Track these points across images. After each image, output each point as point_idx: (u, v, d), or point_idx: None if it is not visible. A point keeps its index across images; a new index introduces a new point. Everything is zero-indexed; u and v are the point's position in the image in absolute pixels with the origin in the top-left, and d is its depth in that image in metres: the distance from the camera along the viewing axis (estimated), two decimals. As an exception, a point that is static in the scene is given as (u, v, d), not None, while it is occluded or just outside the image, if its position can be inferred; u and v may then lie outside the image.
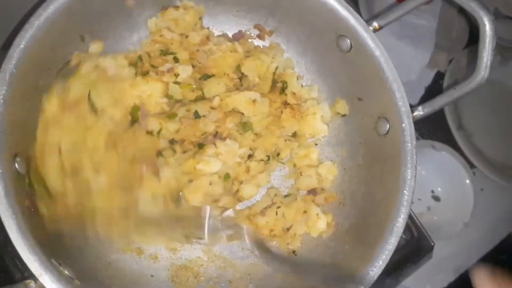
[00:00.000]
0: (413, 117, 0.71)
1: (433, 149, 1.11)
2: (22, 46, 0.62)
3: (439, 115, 1.17)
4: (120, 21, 0.77)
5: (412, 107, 0.72)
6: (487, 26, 0.63)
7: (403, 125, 0.71)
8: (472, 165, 1.13)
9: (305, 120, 0.82)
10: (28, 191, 0.63)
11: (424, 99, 1.15)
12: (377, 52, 0.72)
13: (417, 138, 0.69)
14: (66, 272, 0.59)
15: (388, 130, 0.74)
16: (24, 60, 0.62)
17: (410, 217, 0.84)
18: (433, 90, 1.20)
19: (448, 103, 0.71)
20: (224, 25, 0.84)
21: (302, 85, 0.85)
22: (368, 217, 0.74)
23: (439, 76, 1.22)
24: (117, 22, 0.77)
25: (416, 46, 1.17)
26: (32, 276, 0.55)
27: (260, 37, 0.84)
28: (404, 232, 0.69)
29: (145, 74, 0.76)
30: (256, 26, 0.84)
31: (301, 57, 0.85)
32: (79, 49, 0.73)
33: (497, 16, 1.26)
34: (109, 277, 0.70)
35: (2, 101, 0.59)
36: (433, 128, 1.17)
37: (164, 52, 0.78)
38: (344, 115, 0.82)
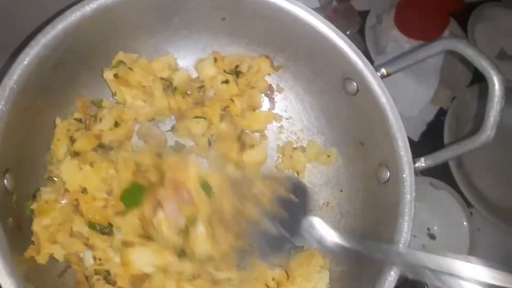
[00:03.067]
0: (415, 168, 0.70)
1: (431, 186, 1.09)
2: (25, 62, 0.61)
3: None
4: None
5: (414, 158, 0.70)
6: (496, 86, 0.62)
7: (404, 175, 0.69)
8: (469, 205, 1.12)
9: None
10: (15, 208, 0.61)
11: (425, 135, 1.18)
12: (383, 99, 0.71)
13: (415, 174, 0.67)
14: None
15: (389, 178, 0.72)
16: (25, 77, 0.61)
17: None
18: (435, 126, 1.20)
19: (451, 158, 0.70)
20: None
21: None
22: (361, 267, 0.71)
23: (442, 112, 1.22)
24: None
25: (420, 81, 1.17)
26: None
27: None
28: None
29: None
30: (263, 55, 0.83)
31: (307, 95, 0.85)
32: (87, 67, 0.73)
33: (502, 57, 1.28)
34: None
35: (-1, 115, 0.59)
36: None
37: None
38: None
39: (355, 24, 1.29)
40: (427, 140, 1.20)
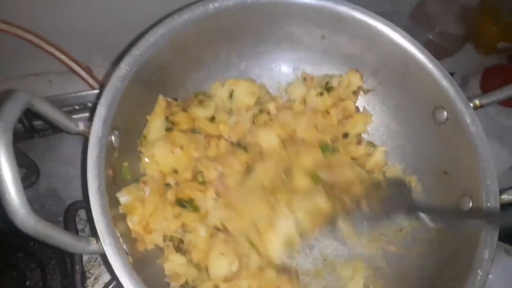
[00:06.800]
0: (501, 200, 0.68)
1: (506, 253, 1.01)
2: (151, 40, 0.69)
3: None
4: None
5: (501, 190, 0.68)
6: None
7: (489, 205, 0.67)
8: (547, 280, 1.01)
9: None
10: (114, 163, 0.67)
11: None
12: (473, 129, 0.71)
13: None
14: (124, 246, 0.60)
15: (471, 207, 0.70)
16: (149, 52, 0.69)
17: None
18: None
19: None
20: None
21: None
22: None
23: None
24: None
25: (502, 146, 1.12)
26: (95, 236, 0.57)
27: (355, 92, 0.86)
28: None
29: None
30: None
31: (394, 121, 0.86)
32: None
33: None
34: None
35: (122, 77, 0.66)
36: (509, 230, 1.08)
37: None
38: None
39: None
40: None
